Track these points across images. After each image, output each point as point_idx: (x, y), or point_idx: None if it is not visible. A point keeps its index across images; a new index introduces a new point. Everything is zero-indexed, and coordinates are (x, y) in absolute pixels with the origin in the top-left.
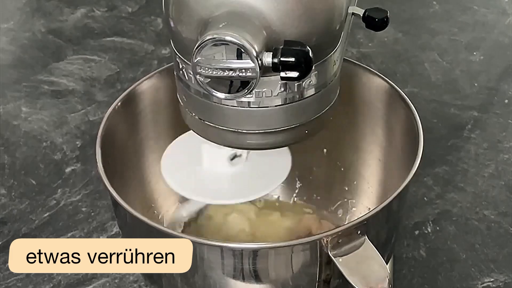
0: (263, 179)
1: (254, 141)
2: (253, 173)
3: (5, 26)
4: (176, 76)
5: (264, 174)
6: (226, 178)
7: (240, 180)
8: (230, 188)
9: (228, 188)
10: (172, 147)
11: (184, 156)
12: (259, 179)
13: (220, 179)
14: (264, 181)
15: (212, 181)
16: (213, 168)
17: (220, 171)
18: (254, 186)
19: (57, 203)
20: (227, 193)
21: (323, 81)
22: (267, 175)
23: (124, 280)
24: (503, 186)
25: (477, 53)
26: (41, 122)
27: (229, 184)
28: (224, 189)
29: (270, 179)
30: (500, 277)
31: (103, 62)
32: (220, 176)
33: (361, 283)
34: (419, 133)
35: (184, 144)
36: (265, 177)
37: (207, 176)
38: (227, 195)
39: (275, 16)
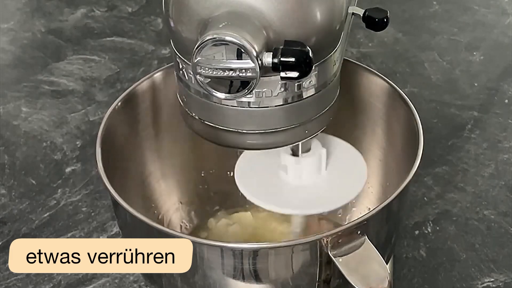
0: (341, 189)
1: (254, 141)
2: (332, 183)
3: (5, 26)
4: (176, 76)
5: (342, 184)
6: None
7: (319, 190)
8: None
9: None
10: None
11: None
12: (338, 189)
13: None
14: (342, 191)
15: (293, 192)
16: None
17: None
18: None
19: (57, 203)
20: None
21: (323, 81)
22: (345, 184)
23: (124, 280)
24: (503, 186)
25: (477, 53)
26: (41, 122)
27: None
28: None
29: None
30: (500, 277)
31: (103, 62)
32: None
33: (361, 283)
34: (419, 133)
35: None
36: (344, 187)
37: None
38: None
39: (275, 16)
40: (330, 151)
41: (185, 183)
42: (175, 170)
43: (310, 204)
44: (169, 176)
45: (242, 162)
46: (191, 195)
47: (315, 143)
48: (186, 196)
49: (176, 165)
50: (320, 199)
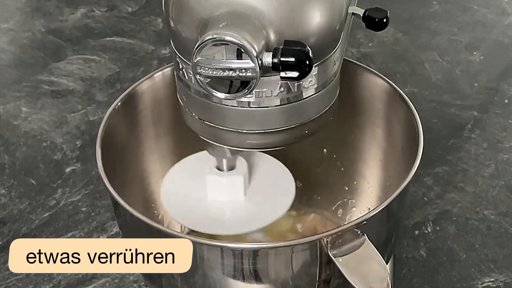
0: (268, 207)
1: (254, 141)
2: (257, 202)
3: (5, 26)
4: (176, 76)
5: (269, 202)
6: (230, 207)
7: (245, 209)
8: (236, 218)
9: (234, 218)
10: (170, 175)
11: (185, 185)
12: (263, 208)
13: (224, 208)
14: (269, 209)
15: (217, 211)
16: (217, 197)
17: (224, 200)
18: (259, 216)
19: (57, 203)
20: (233, 223)
21: (323, 81)
22: (272, 202)
23: (124, 280)
24: (503, 186)
25: (477, 53)
26: (41, 122)
27: (235, 214)
28: (230, 219)
29: (275, 207)
30: (500, 277)
31: (103, 62)
32: (224, 205)
33: (361, 283)
34: (419, 133)
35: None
36: (270, 205)
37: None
38: (233, 225)
39: (275, 16)
40: (258, 167)
41: None
42: None
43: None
44: None
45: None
46: None
47: (240, 161)
48: None
49: None
50: (246, 218)
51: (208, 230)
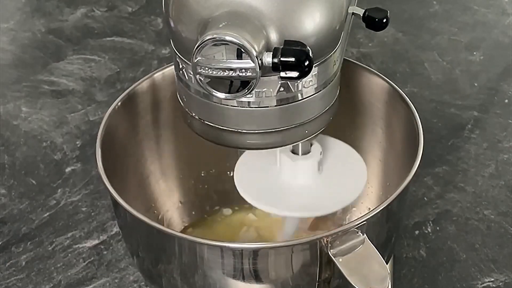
0: (339, 193)
1: (254, 141)
2: (329, 186)
3: (5, 26)
4: (176, 76)
5: (341, 186)
6: (304, 190)
7: (317, 192)
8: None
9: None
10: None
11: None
12: (335, 193)
13: (297, 191)
14: (339, 194)
15: (289, 193)
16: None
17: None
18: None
19: (57, 203)
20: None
21: (323, 81)
22: (344, 187)
23: (124, 280)
24: (503, 186)
25: (477, 53)
26: (41, 122)
27: (307, 197)
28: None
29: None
30: (500, 277)
31: (103, 62)
32: (297, 188)
33: (361, 283)
34: (419, 133)
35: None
36: (341, 191)
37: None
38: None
39: (275, 16)
40: (331, 153)
41: (185, 183)
42: (175, 170)
43: (307, 207)
44: (169, 176)
45: (242, 163)
46: (191, 195)
47: (315, 145)
48: (186, 196)
49: (176, 165)
50: (317, 201)
51: (279, 211)
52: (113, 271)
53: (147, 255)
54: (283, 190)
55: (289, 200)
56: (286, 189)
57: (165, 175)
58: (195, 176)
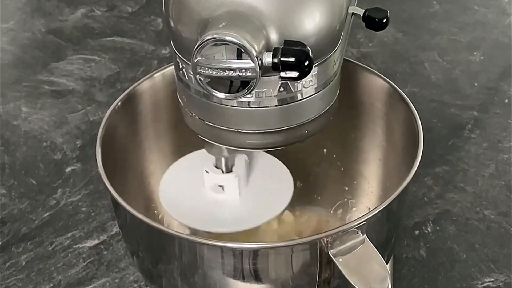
0: (266, 205)
1: (254, 141)
2: (255, 200)
3: (5, 26)
4: (176, 76)
5: (267, 200)
6: (228, 205)
7: (243, 207)
8: (233, 215)
9: (232, 216)
10: (169, 173)
11: (183, 182)
12: (261, 206)
13: (222, 206)
14: (267, 207)
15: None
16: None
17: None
18: (257, 213)
19: (57, 203)
20: (231, 221)
21: (323, 81)
22: (270, 200)
23: (124, 280)
24: (503, 186)
25: (477, 53)
26: (41, 122)
27: (233, 212)
28: (228, 217)
29: (274, 205)
30: (500, 277)
31: (103, 62)
32: (222, 203)
33: (361, 283)
34: (419, 133)
35: (181, 170)
36: (268, 203)
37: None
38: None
39: (275, 16)
40: (257, 165)
41: None
42: None
43: (234, 222)
44: None
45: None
46: None
47: (238, 159)
48: None
49: None
50: (244, 215)
51: (205, 228)
52: (113, 271)
53: (147, 255)
54: (209, 206)
55: (216, 216)
56: (212, 205)
57: None
58: None
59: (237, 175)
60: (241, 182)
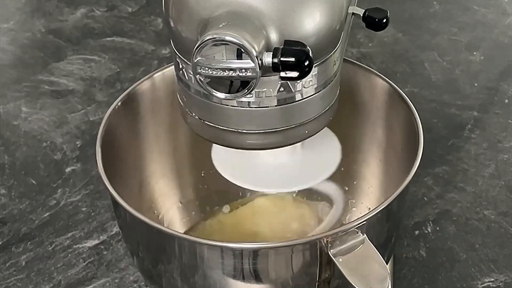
0: (312, 170)
1: (254, 141)
2: (305, 162)
3: (5, 26)
4: (176, 76)
5: (314, 165)
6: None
7: (289, 169)
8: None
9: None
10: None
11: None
12: (309, 170)
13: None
14: (313, 171)
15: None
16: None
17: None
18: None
19: (57, 203)
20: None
21: (323, 81)
22: (317, 165)
23: (124, 280)
24: (503, 186)
25: (477, 53)
26: (41, 122)
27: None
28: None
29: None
30: (500, 277)
31: (103, 62)
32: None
33: (361, 283)
34: (419, 133)
35: None
36: (315, 168)
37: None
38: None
39: (275, 16)
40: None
41: (185, 183)
42: (175, 170)
43: (284, 183)
44: (169, 176)
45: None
46: (191, 195)
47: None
48: (186, 196)
49: (176, 165)
50: (294, 177)
51: (256, 187)
52: (113, 271)
53: (147, 255)
54: (259, 167)
55: (264, 176)
56: (261, 166)
57: (165, 175)
58: (195, 176)
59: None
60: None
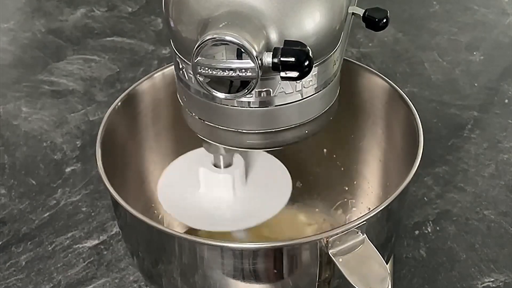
0: (264, 204)
1: (254, 141)
2: (253, 198)
3: (5, 26)
4: (176, 76)
5: (265, 199)
6: (226, 203)
7: (240, 205)
8: (231, 214)
9: (229, 215)
10: (168, 171)
11: (181, 181)
12: (260, 204)
13: (219, 205)
14: (265, 206)
15: (212, 207)
16: (212, 193)
17: (219, 196)
18: (255, 212)
19: (57, 203)
20: (228, 220)
21: (323, 81)
22: (268, 199)
23: (124, 280)
24: (503, 186)
25: (477, 53)
26: (41, 122)
27: (230, 210)
28: (225, 215)
29: (271, 204)
30: (500, 277)
31: (103, 62)
32: (219, 202)
33: (361, 282)
34: (419, 133)
35: (180, 168)
36: (266, 202)
37: (206, 202)
38: (229, 222)
39: (275, 16)
40: (255, 165)
41: None
42: None
43: (230, 220)
44: None
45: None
46: None
47: (236, 157)
48: None
49: None
50: (242, 214)
51: (203, 226)
52: (113, 271)
53: (147, 255)
54: (206, 204)
55: (212, 214)
56: (208, 203)
57: None
58: None
59: (234, 174)
60: (238, 181)
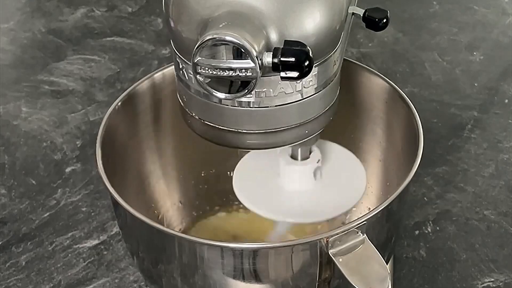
0: (341, 196)
1: (254, 141)
2: (329, 192)
3: (5, 26)
4: (176, 76)
5: (341, 191)
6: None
7: (319, 197)
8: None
9: (309, 207)
10: (244, 161)
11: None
12: (335, 198)
13: (299, 196)
14: (342, 198)
15: (291, 199)
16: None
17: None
18: (328, 206)
19: (57, 203)
20: (302, 212)
21: (323, 81)
22: (344, 192)
23: (124, 280)
24: (503, 186)
25: (477, 53)
26: (41, 122)
27: (309, 202)
28: (305, 207)
29: (348, 195)
30: (500, 277)
31: (103, 62)
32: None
33: (361, 283)
34: (419, 133)
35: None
36: (343, 194)
37: (285, 194)
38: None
39: (275, 16)
40: (330, 158)
41: (185, 183)
42: (175, 170)
43: (305, 213)
44: (169, 176)
45: (242, 166)
46: (191, 195)
47: (314, 151)
48: (186, 196)
49: (176, 165)
50: (316, 207)
51: (279, 218)
52: (113, 271)
53: (147, 255)
54: (281, 195)
55: (287, 205)
56: (284, 194)
57: (165, 175)
58: (195, 176)
59: (312, 166)
60: (317, 173)
